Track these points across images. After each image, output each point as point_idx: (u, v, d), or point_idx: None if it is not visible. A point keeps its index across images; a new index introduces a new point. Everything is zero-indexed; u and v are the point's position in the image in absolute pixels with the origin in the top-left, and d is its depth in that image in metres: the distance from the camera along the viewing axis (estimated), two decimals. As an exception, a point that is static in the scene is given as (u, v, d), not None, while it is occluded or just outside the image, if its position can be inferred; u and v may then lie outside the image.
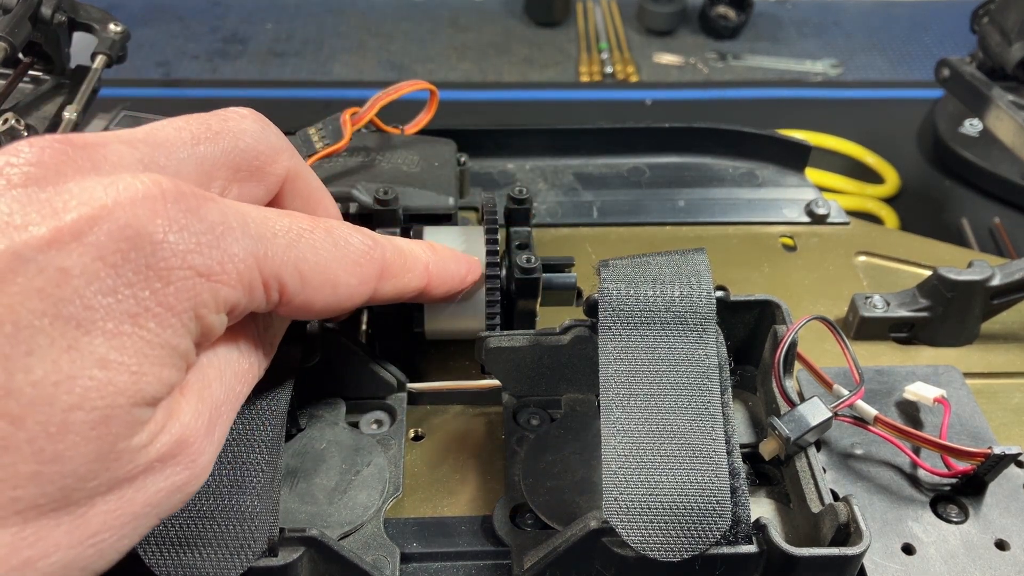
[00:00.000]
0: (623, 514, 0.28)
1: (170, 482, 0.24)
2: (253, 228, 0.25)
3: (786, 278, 0.51)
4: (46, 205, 0.22)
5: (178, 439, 0.24)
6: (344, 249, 0.29)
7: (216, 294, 0.24)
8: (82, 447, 0.21)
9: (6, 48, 0.46)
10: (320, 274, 0.27)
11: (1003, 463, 0.36)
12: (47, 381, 0.21)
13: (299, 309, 0.28)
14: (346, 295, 0.29)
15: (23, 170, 0.22)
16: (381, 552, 0.34)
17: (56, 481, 0.21)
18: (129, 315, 0.22)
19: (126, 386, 0.22)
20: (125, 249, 0.22)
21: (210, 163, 0.28)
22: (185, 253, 0.23)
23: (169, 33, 1.03)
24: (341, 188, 0.44)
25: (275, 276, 0.26)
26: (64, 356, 0.21)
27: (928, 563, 0.35)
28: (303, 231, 0.27)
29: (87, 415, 0.21)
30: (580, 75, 0.98)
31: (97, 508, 0.22)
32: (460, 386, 0.41)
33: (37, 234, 0.21)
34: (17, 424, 0.20)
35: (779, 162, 0.60)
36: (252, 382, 0.28)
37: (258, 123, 0.30)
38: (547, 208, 0.56)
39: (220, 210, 0.25)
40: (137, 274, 0.22)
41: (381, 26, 1.06)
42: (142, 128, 0.27)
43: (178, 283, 0.23)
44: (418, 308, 0.39)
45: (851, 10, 1.11)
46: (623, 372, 0.31)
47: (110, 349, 0.22)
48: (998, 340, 0.47)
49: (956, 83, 0.71)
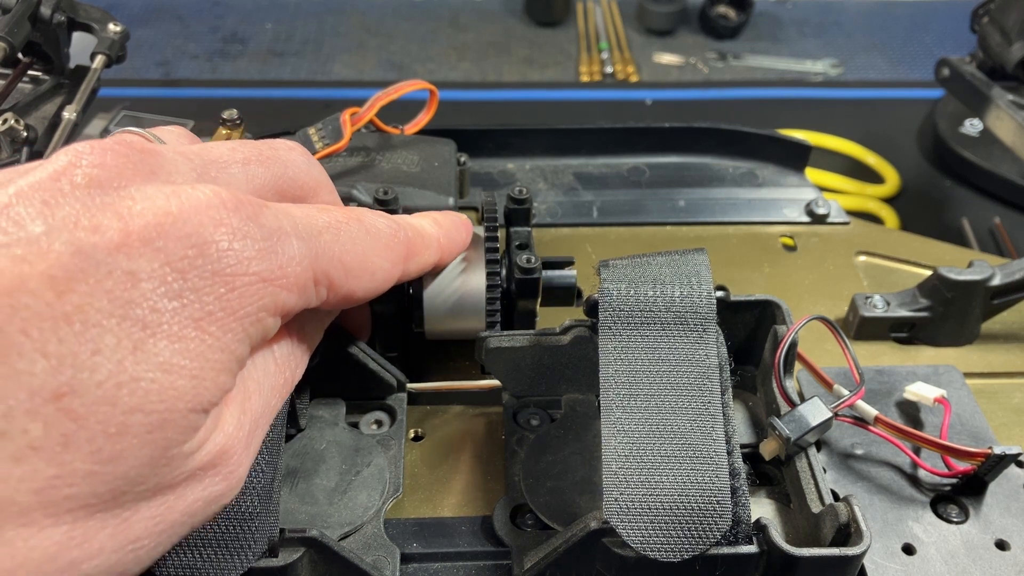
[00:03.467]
0: (623, 514, 0.28)
1: (208, 492, 0.24)
2: (301, 227, 0.26)
3: (786, 278, 0.51)
4: (111, 208, 0.22)
5: (221, 449, 0.24)
6: (375, 235, 0.30)
7: (276, 298, 0.25)
8: (138, 450, 0.21)
9: (5, 48, 0.46)
10: (360, 263, 0.29)
11: (1003, 463, 0.36)
12: (111, 382, 0.21)
13: (343, 300, 0.29)
14: (382, 279, 0.30)
15: (86, 171, 0.23)
16: (381, 552, 0.34)
17: (109, 482, 0.21)
18: (193, 320, 0.22)
19: (186, 390, 0.22)
20: (192, 256, 0.23)
21: (259, 183, 0.29)
22: (248, 260, 0.24)
23: (169, 33, 1.03)
24: (341, 188, 0.44)
25: (324, 272, 0.27)
26: (129, 357, 0.21)
27: (928, 563, 0.35)
28: (341, 224, 0.28)
29: (146, 417, 0.21)
30: (580, 75, 0.98)
31: (141, 513, 0.23)
32: (460, 386, 0.41)
33: (107, 237, 0.22)
34: (80, 423, 0.20)
35: (779, 162, 0.60)
36: (286, 396, 0.29)
37: (304, 156, 0.31)
38: (547, 208, 0.56)
39: (275, 215, 0.25)
40: (203, 279, 0.23)
41: (381, 26, 1.06)
42: (197, 144, 0.28)
43: (242, 288, 0.24)
44: (418, 308, 0.39)
45: (851, 10, 1.11)
46: (623, 372, 0.31)
47: (174, 353, 0.22)
48: (998, 340, 0.47)
49: (956, 83, 0.71)
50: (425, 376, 0.42)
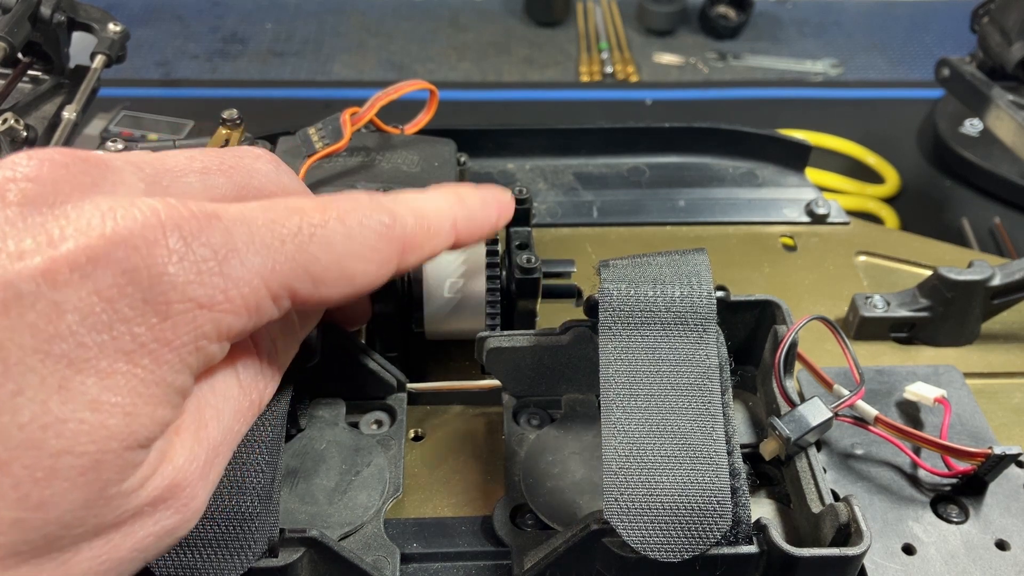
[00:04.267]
0: (623, 514, 0.28)
1: (160, 526, 0.23)
2: (259, 239, 0.24)
3: (786, 278, 0.51)
4: (41, 230, 0.21)
5: (171, 483, 0.23)
6: (359, 237, 0.26)
7: (218, 324, 0.23)
8: (70, 493, 0.20)
9: (5, 48, 0.46)
10: (334, 271, 0.26)
11: (1003, 463, 0.36)
12: (35, 424, 0.20)
13: (315, 307, 0.27)
14: (364, 283, 0.27)
15: (20, 186, 0.21)
16: (381, 552, 0.34)
17: (40, 528, 0.20)
18: (124, 352, 0.21)
19: (119, 429, 0.21)
20: (122, 283, 0.21)
21: (220, 193, 0.27)
22: (185, 285, 0.22)
23: (169, 33, 1.03)
24: (341, 188, 0.44)
25: (284, 286, 0.24)
26: (54, 397, 0.20)
27: (928, 563, 0.35)
28: (314, 228, 0.25)
29: (76, 460, 0.20)
30: (580, 75, 0.98)
31: (82, 555, 0.21)
32: (460, 386, 0.41)
33: (31, 264, 0.20)
34: (3, 469, 0.19)
35: (779, 162, 0.60)
36: (252, 419, 0.27)
37: (271, 164, 0.29)
38: (547, 208, 0.56)
39: (224, 229, 0.23)
40: (133, 309, 0.21)
41: (381, 26, 1.06)
42: (153, 153, 0.26)
43: (176, 317, 0.22)
44: (418, 308, 0.39)
45: (851, 10, 1.11)
46: (623, 372, 0.31)
47: (103, 390, 0.21)
48: (998, 340, 0.47)
49: (956, 83, 0.71)
50: (425, 376, 0.42)
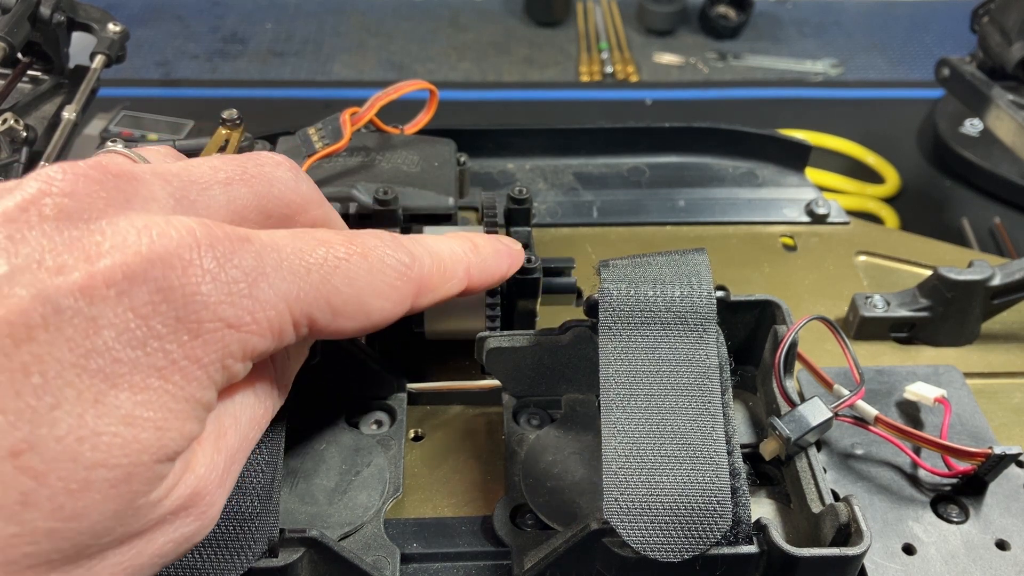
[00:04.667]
0: (623, 514, 0.28)
1: (179, 533, 0.24)
2: (287, 265, 0.25)
3: (786, 278, 0.51)
4: (78, 246, 0.21)
5: (192, 491, 0.24)
6: (379, 274, 0.27)
7: (244, 344, 0.23)
8: (102, 505, 0.21)
9: (5, 48, 0.46)
10: (353, 304, 0.26)
11: (1003, 463, 0.36)
12: (72, 437, 0.20)
13: (328, 336, 0.27)
14: (380, 319, 0.28)
15: (56, 201, 0.22)
16: (381, 553, 0.34)
17: (72, 538, 0.21)
18: (156, 368, 0.22)
19: (150, 442, 0.21)
20: (157, 301, 0.21)
21: (242, 204, 0.27)
22: (216, 305, 0.22)
23: (169, 33, 1.03)
24: (341, 188, 0.44)
25: (305, 314, 0.25)
26: (90, 411, 0.20)
27: (929, 563, 0.35)
28: (339, 261, 0.26)
29: (109, 472, 0.21)
30: (580, 75, 0.98)
31: (107, 561, 0.22)
32: (460, 386, 0.41)
33: (70, 279, 0.21)
34: (40, 480, 0.20)
35: (779, 162, 0.60)
36: (265, 426, 0.28)
37: (291, 172, 0.30)
38: (547, 208, 0.56)
39: (255, 253, 0.24)
40: (166, 327, 0.22)
41: (381, 26, 1.06)
42: (178, 163, 0.27)
43: (207, 335, 0.22)
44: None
45: (851, 10, 1.11)
46: (623, 372, 0.31)
47: (136, 404, 0.21)
48: (998, 340, 0.47)
49: (956, 83, 0.71)
50: (425, 376, 0.42)
